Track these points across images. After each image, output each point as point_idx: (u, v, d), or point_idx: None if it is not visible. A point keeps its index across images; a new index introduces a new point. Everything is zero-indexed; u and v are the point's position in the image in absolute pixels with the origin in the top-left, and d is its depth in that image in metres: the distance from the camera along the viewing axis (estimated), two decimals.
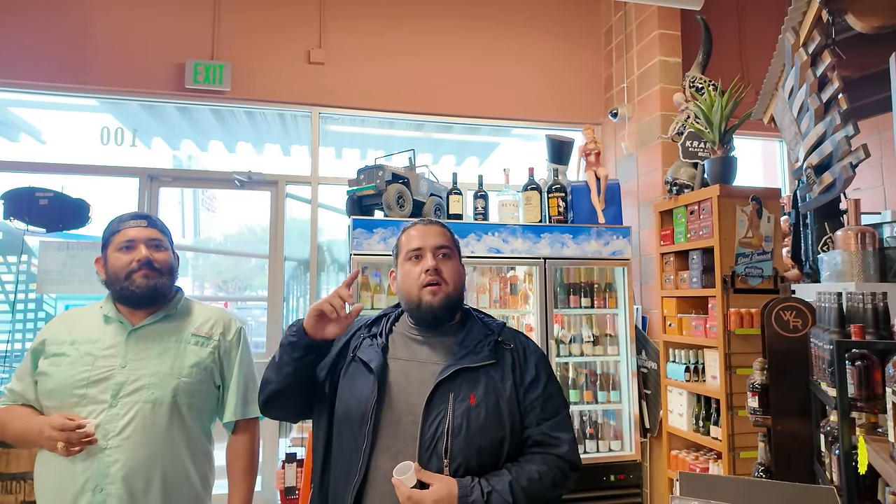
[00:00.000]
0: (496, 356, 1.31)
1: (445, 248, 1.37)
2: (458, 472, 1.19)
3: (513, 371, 1.31)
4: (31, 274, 3.42)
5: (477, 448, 1.21)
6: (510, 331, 1.41)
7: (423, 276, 1.32)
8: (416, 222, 1.43)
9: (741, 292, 2.58)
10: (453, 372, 1.25)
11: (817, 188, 1.98)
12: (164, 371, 1.45)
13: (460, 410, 1.22)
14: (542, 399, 1.31)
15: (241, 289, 6.20)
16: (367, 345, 1.35)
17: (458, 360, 1.28)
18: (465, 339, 1.33)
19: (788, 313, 1.91)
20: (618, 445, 3.16)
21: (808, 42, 1.96)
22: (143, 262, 1.47)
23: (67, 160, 3.48)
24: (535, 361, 1.35)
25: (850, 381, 1.35)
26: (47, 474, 1.41)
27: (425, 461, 1.19)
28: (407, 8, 3.78)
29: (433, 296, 1.31)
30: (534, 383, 1.32)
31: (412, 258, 1.35)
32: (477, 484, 1.17)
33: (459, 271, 1.39)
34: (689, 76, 3.19)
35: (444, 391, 1.24)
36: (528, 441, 1.29)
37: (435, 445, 1.20)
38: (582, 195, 3.26)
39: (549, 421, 1.30)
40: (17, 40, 3.24)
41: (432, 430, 1.21)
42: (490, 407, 1.24)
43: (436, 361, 1.30)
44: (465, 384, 1.25)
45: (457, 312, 1.39)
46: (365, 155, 4.63)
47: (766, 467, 1.93)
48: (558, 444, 1.29)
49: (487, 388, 1.26)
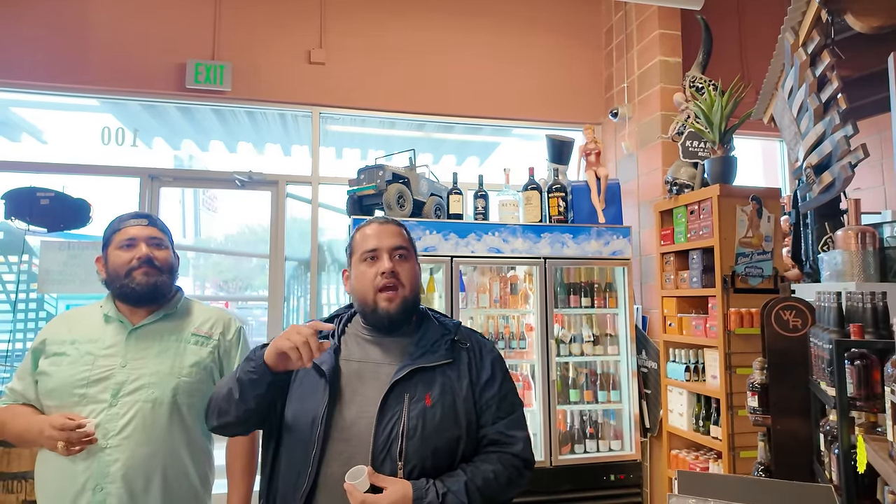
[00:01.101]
0: (453, 355, 1.30)
1: (402, 248, 1.34)
2: (413, 474, 1.17)
3: (469, 370, 1.30)
4: (32, 274, 3.42)
5: (432, 449, 1.20)
6: (466, 330, 1.40)
7: (379, 279, 1.29)
8: (370, 220, 1.39)
9: (741, 292, 2.58)
10: (409, 372, 1.23)
11: (817, 188, 1.98)
12: (164, 370, 1.46)
13: (416, 411, 1.20)
14: (497, 398, 1.30)
15: (242, 289, 6.20)
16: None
17: (415, 360, 1.26)
18: (421, 339, 1.32)
19: (788, 313, 1.91)
20: (618, 445, 3.17)
21: (808, 42, 1.96)
22: (143, 259, 1.48)
23: (68, 160, 3.49)
24: (490, 360, 1.34)
25: (849, 381, 1.35)
26: (47, 474, 1.41)
27: (379, 464, 1.16)
28: (408, 8, 3.78)
29: (389, 302, 1.28)
30: (490, 382, 1.31)
31: (367, 259, 1.32)
32: (432, 486, 1.15)
33: (416, 273, 1.36)
34: (689, 76, 3.19)
35: (399, 392, 1.22)
36: (483, 440, 1.28)
37: (389, 448, 1.17)
38: (582, 195, 3.26)
39: (504, 419, 1.30)
40: (18, 40, 3.25)
41: (386, 432, 1.18)
42: (446, 407, 1.23)
43: (391, 362, 1.28)
44: (421, 384, 1.24)
45: (413, 315, 1.36)
46: (365, 155, 4.64)
47: (766, 467, 1.93)
48: (513, 443, 1.28)
49: (444, 388, 1.25)
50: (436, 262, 2.99)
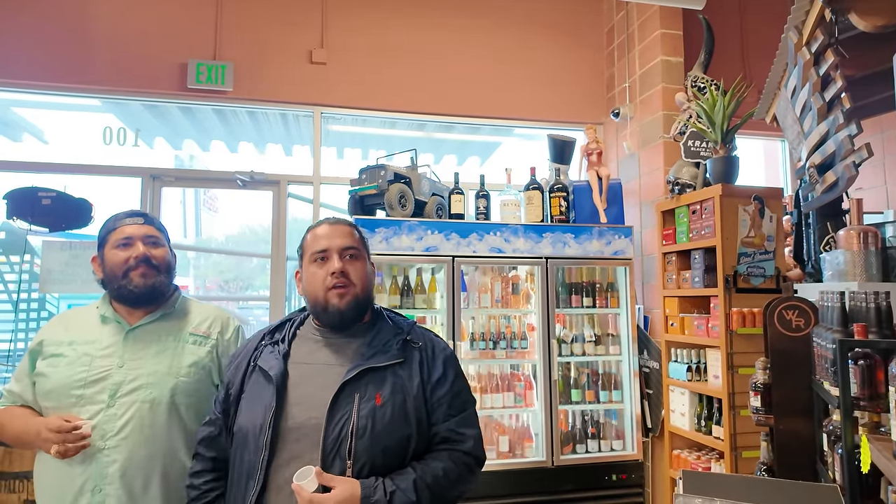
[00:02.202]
0: (404, 355, 1.30)
1: (352, 248, 1.34)
2: (363, 472, 1.18)
3: (421, 369, 1.31)
4: (33, 273, 3.42)
5: (382, 448, 1.20)
6: (420, 330, 1.40)
7: (329, 279, 1.29)
8: (321, 221, 1.40)
9: (743, 292, 2.58)
10: (359, 372, 1.24)
11: (820, 187, 1.98)
12: (162, 370, 1.44)
13: (365, 411, 1.20)
14: (449, 396, 1.31)
15: (243, 288, 6.21)
16: (269, 352, 1.32)
17: (366, 360, 1.27)
18: (373, 339, 1.32)
19: (791, 312, 1.90)
20: (620, 445, 3.16)
21: (811, 41, 1.96)
22: (140, 258, 1.46)
23: (70, 160, 3.49)
24: (443, 359, 1.35)
25: (852, 381, 1.34)
26: (46, 475, 1.41)
27: (328, 464, 1.17)
28: (409, 8, 3.78)
29: (340, 298, 1.29)
30: (441, 381, 1.31)
31: (317, 260, 1.33)
32: (381, 484, 1.16)
33: (367, 272, 1.37)
34: (691, 76, 3.18)
35: (349, 392, 1.22)
36: (435, 438, 1.30)
37: (339, 448, 1.18)
38: (584, 195, 3.26)
39: (455, 417, 1.31)
40: (19, 40, 3.25)
41: (336, 431, 1.19)
42: (396, 406, 1.24)
43: (342, 363, 1.28)
44: (372, 384, 1.24)
45: (365, 313, 1.37)
46: (367, 155, 4.64)
47: (769, 467, 1.93)
48: (464, 440, 1.30)
49: (394, 387, 1.25)
50: (437, 261, 2.99)
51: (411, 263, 3.10)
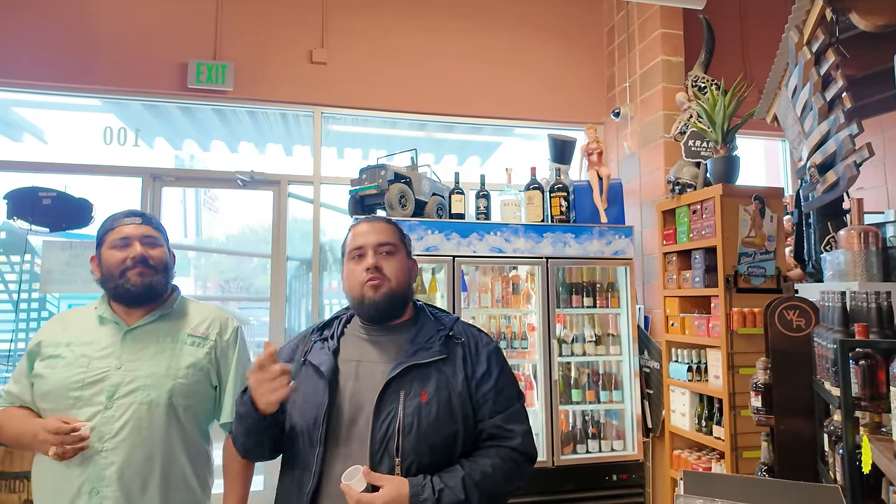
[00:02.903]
0: (447, 351, 1.31)
1: (388, 245, 1.36)
2: (411, 470, 1.18)
3: (464, 365, 1.31)
4: (34, 273, 3.42)
5: (429, 445, 1.20)
6: (463, 325, 1.41)
7: (364, 275, 1.32)
8: (361, 220, 1.42)
9: (744, 292, 2.58)
10: (403, 369, 1.25)
11: (820, 187, 1.98)
12: (160, 372, 1.43)
13: (411, 408, 1.21)
14: (494, 392, 1.30)
15: (244, 288, 6.21)
16: (319, 348, 1.34)
17: (409, 357, 1.28)
18: (416, 336, 1.33)
19: (792, 312, 1.90)
20: (620, 445, 3.16)
21: (812, 40, 1.96)
22: (137, 258, 1.46)
23: (70, 160, 3.49)
24: (486, 354, 1.35)
25: (853, 381, 1.34)
26: (44, 476, 1.40)
27: (377, 462, 1.18)
28: (409, 8, 3.78)
29: (374, 291, 1.31)
30: (485, 376, 1.31)
31: (355, 257, 1.35)
32: (429, 482, 1.16)
33: (403, 267, 1.37)
34: (691, 75, 3.18)
35: (394, 389, 1.23)
36: (482, 434, 1.29)
37: (386, 445, 1.19)
38: (584, 195, 3.26)
39: (501, 413, 1.30)
40: (19, 40, 3.25)
41: (383, 429, 1.20)
42: (442, 402, 1.24)
43: (387, 360, 1.29)
44: (416, 381, 1.25)
45: (403, 308, 1.38)
46: (367, 155, 4.63)
47: (770, 467, 1.93)
48: (512, 437, 1.28)
49: (439, 384, 1.26)
50: (438, 261, 2.99)
51: None
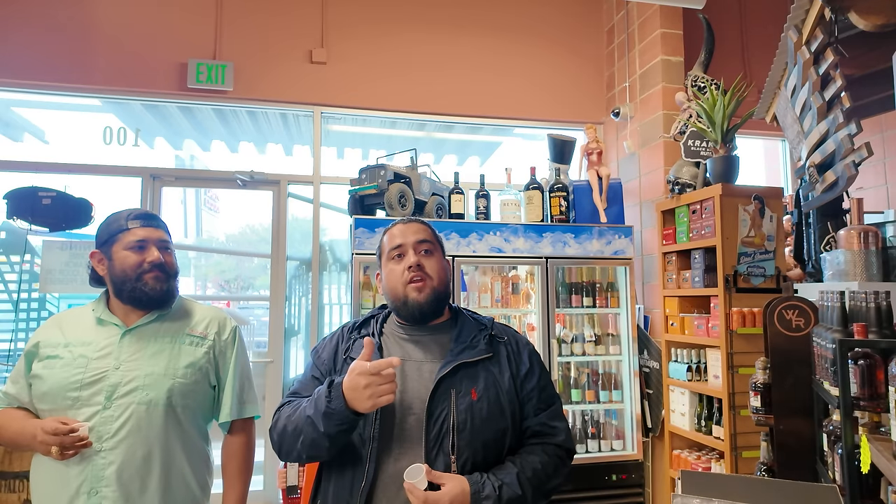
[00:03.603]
0: (492, 349, 1.32)
1: (427, 243, 1.37)
2: (466, 467, 1.20)
3: (509, 363, 1.33)
4: (34, 273, 3.43)
5: (482, 442, 1.22)
6: (500, 325, 1.43)
7: (407, 274, 1.31)
8: (396, 221, 1.42)
9: (743, 291, 2.58)
10: (453, 368, 1.25)
11: (820, 187, 1.98)
12: (159, 372, 1.44)
13: (463, 406, 1.23)
14: (537, 389, 1.33)
15: (244, 288, 6.22)
16: (361, 345, 1.32)
17: (456, 355, 1.28)
18: (459, 335, 1.34)
19: (791, 312, 1.90)
20: (620, 445, 3.16)
21: (811, 40, 1.96)
22: (155, 263, 1.47)
23: (70, 160, 3.49)
24: (528, 353, 1.38)
25: (852, 381, 1.34)
26: (42, 477, 1.40)
27: (432, 459, 1.19)
28: (408, 7, 3.78)
29: (419, 292, 1.30)
30: (529, 374, 1.34)
31: (395, 257, 1.35)
32: (487, 479, 1.18)
33: (443, 266, 1.38)
34: (691, 75, 3.18)
35: (445, 388, 1.24)
36: (527, 432, 1.32)
37: (441, 443, 1.20)
38: (584, 194, 3.26)
39: (545, 411, 1.33)
40: (20, 40, 3.25)
41: (437, 427, 1.21)
42: (492, 400, 1.25)
43: (432, 360, 1.30)
44: (466, 379, 1.26)
45: (444, 308, 1.39)
46: (367, 154, 4.64)
47: (769, 467, 1.93)
48: (556, 433, 1.32)
49: (487, 382, 1.27)
50: None
51: None
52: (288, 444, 1.25)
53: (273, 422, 1.32)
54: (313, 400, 1.22)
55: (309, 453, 1.23)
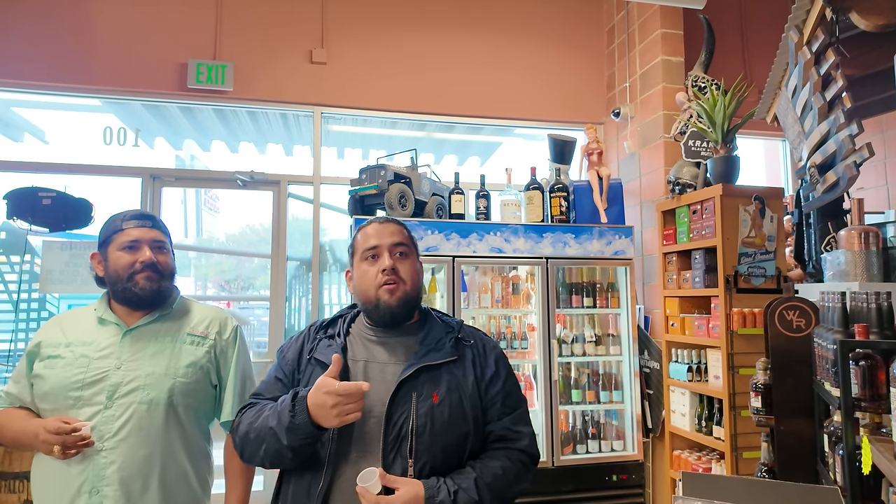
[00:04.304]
0: (457, 353, 1.31)
1: (402, 245, 1.35)
2: (424, 471, 1.18)
3: (474, 367, 1.32)
4: (34, 273, 3.43)
5: (442, 446, 1.21)
6: (469, 328, 1.42)
7: (380, 276, 1.30)
8: (371, 220, 1.40)
9: (744, 292, 2.57)
10: (415, 371, 1.24)
11: (821, 187, 1.97)
12: (160, 371, 1.44)
13: (424, 409, 1.21)
14: (502, 394, 1.32)
15: (244, 288, 6.21)
16: (326, 346, 1.32)
17: (420, 358, 1.27)
18: (425, 337, 1.33)
19: (792, 313, 1.90)
20: (620, 445, 3.16)
21: (812, 40, 1.95)
22: (146, 263, 1.46)
23: (70, 160, 3.49)
24: (494, 357, 1.36)
25: (853, 381, 1.34)
26: (43, 477, 1.40)
27: (389, 463, 1.17)
28: (408, 7, 3.78)
29: (391, 295, 1.29)
30: (494, 378, 1.32)
31: (368, 258, 1.33)
32: (443, 484, 1.16)
33: (417, 270, 1.37)
34: (691, 75, 3.18)
35: (406, 391, 1.23)
36: (490, 436, 1.30)
37: (399, 446, 1.19)
38: (584, 195, 3.26)
39: (510, 415, 1.31)
40: (20, 41, 3.25)
41: (396, 430, 1.19)
42: (454, 404, 1.24)
43: (396, 362, 1.29)
44: (428, 383, 1.24)
45: (415, 312, 1.37)
46: (367, 155, 4.64)
47: (769, 467, 1.93)
48: (520, 438, 1.30)
49: (450, 386, 1.26)
50: (438, 262, 2.99)
51: None
52: (250, 450, 1.24)
53: (235, 424, 1.31)
54: (277, 412, 1.20)
55: (272, 462, 1.23)
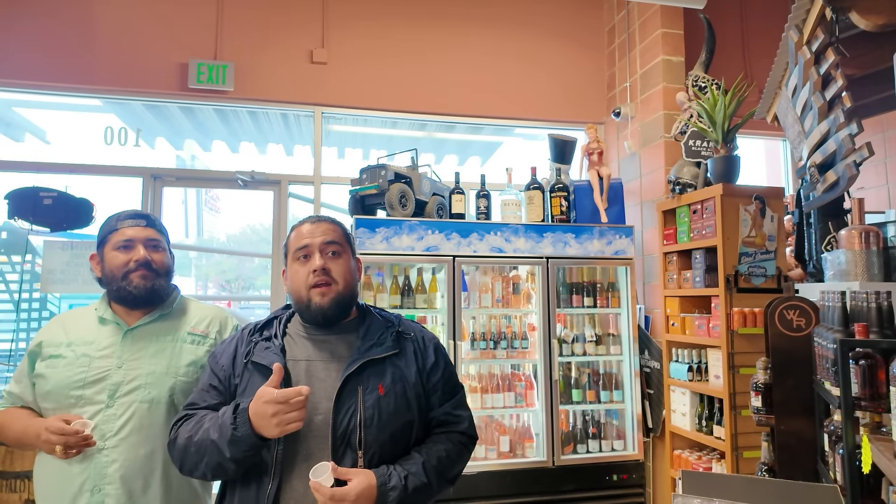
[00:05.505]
0: (399, 346, 1.34)
1: (335, 244, 1.34)
2: (373, 461, 1.22)
3: (415, 358, 1.35)
4: (35, 273, 3.43)
5: (389, 435, 1.24)
6: (407, 322, 1.45)
7: (311, 277, 1.29)
8: (305, 220, 1.39)
9: (744, 291, 2.57)
10: (360, 366, 1.26)
11: (821, 187, 1.97)
12: (160, 370, 1.44)
13: (370, 401, 1.24)
14: (442, 381, 1.38)
15: (245, 288, 6.22)
16: (263, 348, 1.30)
17: (363, 353, 1.29)
18: (367, 333, 1.34)
19: (792, 312, 1.90)
20: (620, 445, 3.16)
21: (812, 40, 1.95)
22: (140, 262, 1.47)
23: (71, 160, 3.49)
24: (433, 348, 1.41)
25: (853, 381, 1.34)
26: (45, 475, 1.41)
27: (339, 456, 1.20)
28: (409, 7, 3.78)
29: (322, 297, 1.29)
30: (434, 367, 1.38)
31: (300, 258, 1.33)
32: (393, 470, 1.20)
33: (350, 268, 1.36)
34: (691, 75, 3.18)
35: (352, 385, 1.24)
36: (432, 422, 1.36)
37: (348, 439, 1.21)
38: (584, 194, 3.26)
39: (450, 401, 1.38)
40: (21, 41, 3.26)
41: (344, 424, 1.21)
42: (398, 394, 1.28)
43: (338, 359, 1.30)
44: (373, 376, 1.27)
45: (349, 310, 1.37)
46: (367, 155, 4.64)
47: (770, 467, 1.93)
48: (460, 422, 1.38)
49: (394, 377, 1.29)
50: (438, 261, 2.99)
51: (412, 263, 3.10)
52: (190, 463, 1.22)
53: (171, 437, 1.27)
54: (217, 424, 1.19)
55: (213, 474, 1.23)
